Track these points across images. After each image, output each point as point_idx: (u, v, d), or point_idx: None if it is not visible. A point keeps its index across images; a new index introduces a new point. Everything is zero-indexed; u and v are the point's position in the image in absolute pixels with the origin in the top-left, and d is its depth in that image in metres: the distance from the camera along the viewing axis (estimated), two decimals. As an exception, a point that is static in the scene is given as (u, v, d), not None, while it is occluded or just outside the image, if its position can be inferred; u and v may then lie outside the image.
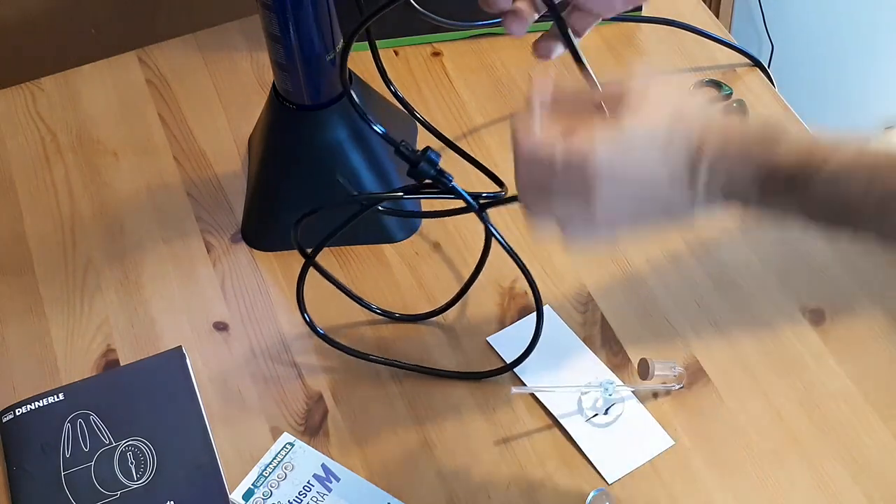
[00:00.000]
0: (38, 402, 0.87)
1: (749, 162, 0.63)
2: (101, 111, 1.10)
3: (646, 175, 0.65)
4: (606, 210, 0.67)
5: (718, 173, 0.64)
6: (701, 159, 0.64)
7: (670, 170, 0.65)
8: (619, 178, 0.65)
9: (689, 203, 0.66)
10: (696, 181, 0.64)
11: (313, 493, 0.82)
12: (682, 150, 0.64)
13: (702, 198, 0.65)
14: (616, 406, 0.86)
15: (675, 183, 0.65)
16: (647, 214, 0.68)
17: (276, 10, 0.84)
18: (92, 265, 0.97)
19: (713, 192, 0.65)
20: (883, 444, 0.84)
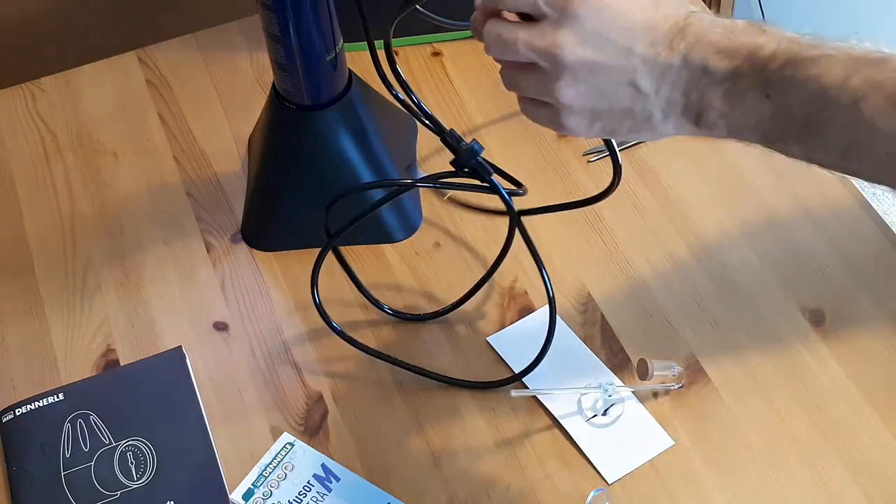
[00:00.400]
0: (38, 402, 0.87)
1: (733, 40, 0.62)
2: (101, 111, 1.10)
3: (626, 26, 0.63)
4: (576, 55, 0.63)
5: (699, 46, 0.62)
6: (685, 31, 0.62)
7: (652, 32, 0.63)
8: (600, 20, 0.62)
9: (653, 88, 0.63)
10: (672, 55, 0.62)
11: (313, 493, 0.82)
12: (668, 18, 0.63)
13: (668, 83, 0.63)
14: (616, 406, 0.86)
15: (652, 50, 0.63)
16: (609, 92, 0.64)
17: (276, 10, 0.84)
18: (92, 265, 0.97)
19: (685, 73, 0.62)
20: (883, 444, 0.84)
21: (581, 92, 0.64)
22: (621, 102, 0.65)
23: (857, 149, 0.60)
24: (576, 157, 1.03)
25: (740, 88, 0.62)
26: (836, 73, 0.59)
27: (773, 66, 0.60)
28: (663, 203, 1.00)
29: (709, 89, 0.62)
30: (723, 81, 0.62)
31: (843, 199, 1.00)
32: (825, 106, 0.59)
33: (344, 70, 0.93)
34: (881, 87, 0.58)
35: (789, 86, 0.60)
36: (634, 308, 0.93)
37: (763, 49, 0.61)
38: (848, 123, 0.59)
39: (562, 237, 0.98)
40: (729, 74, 0.62)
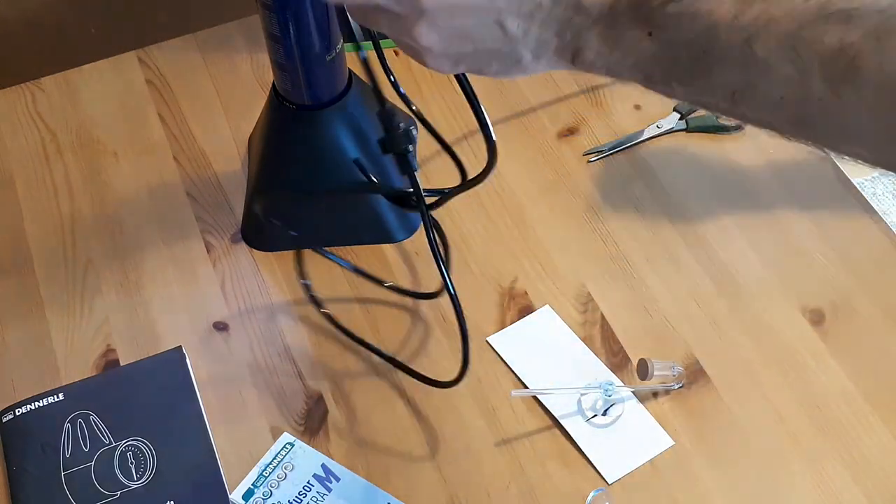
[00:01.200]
0: (38, 402, 0.87)
1: None
2: (101, 111, 1.10)
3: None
4: (434, 5, 0.58)
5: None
6: None
7: None
8: None
9: (521, 31, 0.59)
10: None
11: (313, 493, 0.82)
12: None
13: (538, 24, 0.58)
14: (616, 406, 0.86)
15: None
16: (473, 32, 0.60)
17: (276, 10, 0.84)
18: (92, 265, 0.97)
19: (556, 11, 0.58)
20: (883, 444, 0.84)
21: (442, 36, 0.60)
22: (487, 44, 0.60)
23: (748, 92, 0.55)
24: (576, 157, 1.03)
25: (619, 27, 0.56)
26: (726, 7, 0.53)
27: (656, 1, 0.55)
28: (663, 203, 1.00)
29: (584, 28, 0.58)
30: (598, 19, 0.57)
31: (843, 199, 1.00)
32: (714, 45, 0.54)
33: (344, 70, 0.93)
34: (775, 22, 0.52)
35: (674, 23, 0.55)
36: (634, 308, 0.93)
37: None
38: (739, 65, 0.54)
39: (562, 237, 0.98)
40: (605, 11, 0.57)
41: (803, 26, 0.52)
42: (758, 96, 0.55)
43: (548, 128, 1.06)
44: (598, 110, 1.07)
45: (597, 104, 1.08)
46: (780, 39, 0.52)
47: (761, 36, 0.52)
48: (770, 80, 0.53)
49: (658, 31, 0.55)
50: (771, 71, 0.53)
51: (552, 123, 1.06)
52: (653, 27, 0.56)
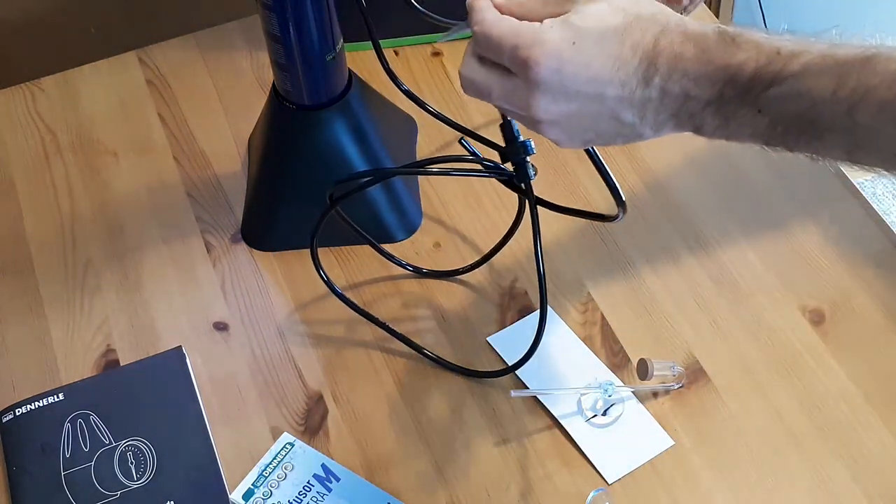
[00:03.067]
0: (38, 402, 0.87)
1: (708, 63, 0.60)
2: (101, 111, 1.10)
3: (591, 76, 0.61)
4: (544, 115, 0.64)
5: (675, 76, 0.60)
6: (657, 60, 0.60)
7: (621, 73, 0.61)
8: (563, 77, 0.62)
9: (637, 118, 0.63)
10: (649, 88, 0.61)
11: (313, 493, 0.82)
12: (636, 50, 0.61)
13: (652, 111, 0.62)
14: (616, 406, 0.86)
15: (625, 89, 0.61)
16: (593, 126, 0.64)
17: (276, 10, 0.84)
18: (92, 265, 0.97)
19: (668, 101, 0.61)
20: (883, 444, 0.84)
21: (563, 130, 0.65)
22: (608, 130, 0.64)
23: (862, 151, 0.59)
24: (576, 157, 1.03)
25: (729, 107, 0.60)
26: (824, 84, 0.57)
27: (758, 87, 0.59)
28: (663, 203, 1.00)
29: (697, 111, 0.61)
30: (708, 104, 0.61)
31: (844, 199, 1.00)
32: (820, 117, 0.58)
33: (344, 70, 0.93)
34: (873, 91, 0.56)
35: (779, 103, 0.59)
36: (634, 308, 0.93)
37: (743, 70, 0.59)
38: (846, 131, 0.58)
39: (562, 237, 0.98)
40: (713, 98, 0.60)
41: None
42: (872, 153, 0.59)
43: (548, 128, 1.06)
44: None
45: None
46: (882, 106, 0.56)
47: (861, 106, 0.56)
48: (878, 140, 0.57)
49: (766, 109, 0.59)
50: (877, 134, 0.57)
51: (552, 123, 1.06)
52: (761, 106, 0.59)
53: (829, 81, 0.57)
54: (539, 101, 0.63)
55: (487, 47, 0.64)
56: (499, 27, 0.63)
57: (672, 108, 0.62)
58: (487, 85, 0.65)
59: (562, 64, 0.61)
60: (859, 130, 0.57)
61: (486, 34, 0.63)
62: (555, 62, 0.61)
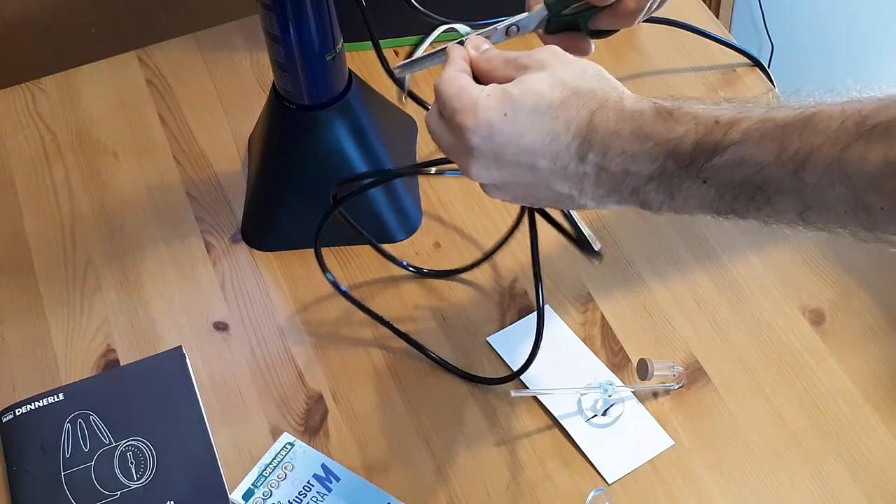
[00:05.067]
0: (38, 402, 0.87)
1: (646, 139, 0.59)
2: (101, 111, 1.10)
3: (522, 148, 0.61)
4: (480, 179, 0.64)
5: (611, 153, 0.60)
6: (591, 137, 0.60)
7: (553, 146, 0.61)
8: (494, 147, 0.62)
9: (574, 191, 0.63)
10: (584, 164, 0.61)
11: (313, 493, 0.82)
12: (569, 126, 0.61)
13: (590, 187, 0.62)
14: (616, 406, 0.86)
15: (557, 164, 0.61)
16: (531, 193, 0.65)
17: (276, 10, 0.84)
18: (92, 265, 0.97)
19: (605, 177, 0.61)
20: (883, 444, 0.84)
21: (502, 193, 0.66)
22: (547, 197, 0.65)
23: (813, 212, 0.57)
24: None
25: (673, 181, 0.60)
26: (766, 149, 0.56)
27: (701, 158, 0.58)
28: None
29: (640, 185, 0.61)
30: (651, 179, 0.60)
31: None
32: (767, 182, 0.57)
33: (344, 70, 0.93)
34: (817, 150, 0.55)
35: (724, 172, 0.58)
36: (634, 308, 0.93)
37: (683, 143, 0.58)
38: (795, 191, 0.56)
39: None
40: (655, 173, 0.60)
41: (844, 149, 0.54)
42: (824, 213, 0.57)
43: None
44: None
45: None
46: (826, 166, 0.54)
47: (807, 166, 0.55)
48: (828, 200, 0.56)
49: (711, 180, 0.58)
50: (826, 193, 0.55)
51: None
52: (705, 176, 0.59)
53: (772, 145, 0.56)
54: (472, 166, 0.63)
55: (439, 102, 0.65)
56: (450, 86, 0.64)
57: (611, 184, 0.61)
58: (438, 136, 0.66)
59: (493, 133, 0.61)
60: (808, 191, 0.56)
61: (438, 89, 0.65)
62: (485, 131, 0.61)
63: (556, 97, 0.61)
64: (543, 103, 0.61)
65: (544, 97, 0.61)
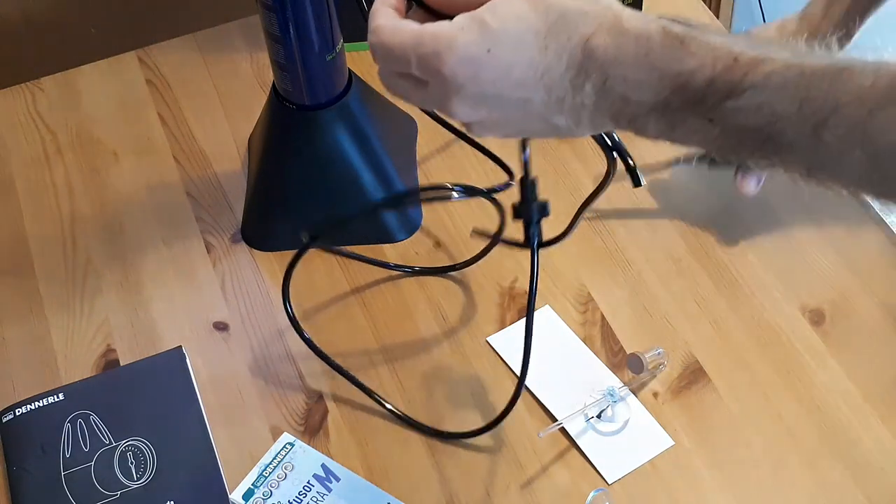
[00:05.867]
0: (38, 402, 0.87)
1: (651, 69, 0.53)
2: (101, 111, 1.10)
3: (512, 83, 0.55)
4: (468, 119, 0.58)
5: (610, 85, 0.54)
6: (588, 66, 0.53)
7: (546, 79, 0.55)
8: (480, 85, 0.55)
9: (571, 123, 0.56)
10: (581, 94, 0.54)
11: (313, 493, 0.82)
12: (561, 56, 0.54)
13: (587, 116, 0.56)
14: (616, 406, 0.86)
15: (552, 96, 0.55)
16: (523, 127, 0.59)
17: (276, 10, 0.84)
18: (92, 265, 0.97)
19: (604, 105, 0.55)
20: (883, 444, 0.84)
21: (492, 131, 0.60)
22: (541, 130, 0.59)
23: (823, 171, 0.53)
24: (576, 157, 1.03)
25: (676, 115, 0.54)
26: (788, 97, 0.51)
27: (712, 98, 0.52)
28: (663, 203, 1.00)
29: (639, 115, 0.55)
30: (651, 111, 0.54)
31: (844, 200, 1.00)
32: (780, 134, 0.51)
33: (344, 70, 0.93)
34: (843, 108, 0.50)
35: (735, 116, 0.52)
36: (634, 308, 0.93)
37: (694, 78, 0.52)
38: (809, 150, 0.51)
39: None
40: (658, 105, 0.54)
41: (873, 112, 0.49)
42: (835, 175, 0.53)
43: (548, 128, 1.06)
44: (598, 110, 1.07)
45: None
46: (850, 127, 0.50)
47: (829, 124, 0.50)
48: (842, 163, 0.51)
49: (719, 119, 0.53)
50: (843, 156, 0.51)
51: (552, 123, 1.06)
52: (712, 116, 0.53)
53: (794, 96, 0.50)
54: (459, 109, 0.57)
55: (393, 60, 0.57)
56: (399, 36, 0.56)
57: (610, 113, 0.56)
58: (405, 91, 0.59)
59: (477, 70, 0.55)
60: (823, 150, 0.51)
61: (384, 45, 0.57)
62: (469, 68, 0.55)
63: (542, 23, 0.54)
64: (529, 32, 0.54)
65: (528, 24, 0.54)
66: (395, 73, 0.59)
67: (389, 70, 0.59)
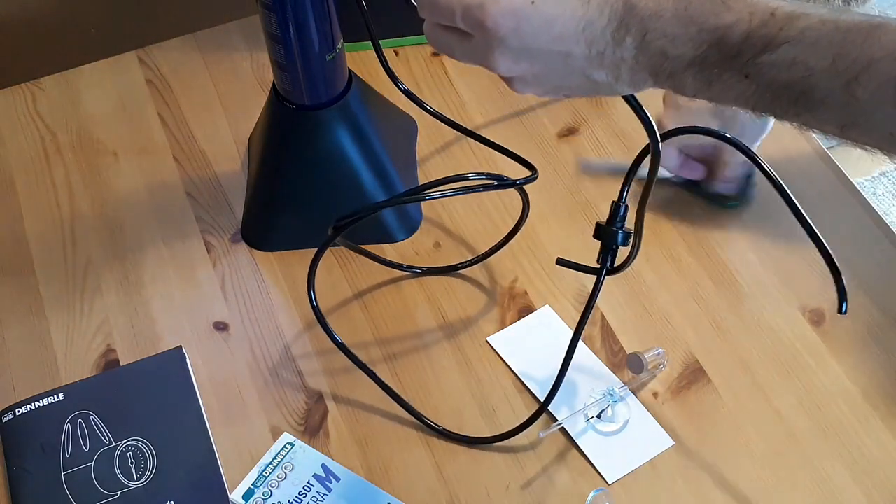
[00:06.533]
0: (38, 402, 0.87)
1: (690, 22, 0.54)
2: (101, 111, 1.10)
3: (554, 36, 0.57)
4: (508, 73, 0.60)
5: (650, 35, 0.55)
6: (628, 19, 0.56)
7: (587, 33, 0.57)
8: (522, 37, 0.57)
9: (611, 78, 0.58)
10: (621, 49, 0.56)
11: (313, 493, 0.82)
12: (602, 10, 0.56)
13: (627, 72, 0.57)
14: (616, 406, 0.86)
15: (593, 50, 0.57)
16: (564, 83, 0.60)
17: (276, 10, 0.84)
18: (92, 265, 0.97)
19: (643, 60, 0.57)
20: (883, 444, 0.84)
21: (532, 86, 0.62)
22: (581, 86, 0.61)
23: (856, 127, 0.54)
24: (576, 157, 1.03)
25: (713, 71, 0.55)
26: (822, 53, 0.52)
27: (748, 52, 0.54)
28: (663, 203, 1.00)
29: (677, 71, 0.56)
30: (691, 64, 0.56)
31: (844, 199, 1.00)
32: (814, 89, 0.53)
33: (344, 70, 0.93)
34: (876, 64, 0.51)
35: (770, 70, 0.54)
36: (634, 308, 0.93)
37: (731, 32, 0.54)
38: (842, 105, 0.53)
39: (562, 237, 0.98)
40: (696, 60, 0.55)
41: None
42: (867, 131, 0.54)
43: (548, 127, 1.06)
44: (599, 110, 1.07)
45: (597, 104, 1.08)
46: (882, 82, 0.51)
47: (861, 79, 0.51)
48: (875, 118, 0.53)
49: (754, 75, 0.54)
50: (875, 111, 0.52)
51: (552, 123, 1.06)
52: (749, 71, 0.54)
53: (828, 51, 0.52)
54: (500, 61, 0.59)
55: (437, 13, 0.60)
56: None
57: (649, 68, 0.57)
58: (448, 46, 0.62)
59: (520, 22, 0.57)
60: (856, 106, 0.52)
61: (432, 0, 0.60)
62: (512, 21, 0.57)
63: None
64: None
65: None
66: (440, 27, 0.61)
67: (434, 23, 0.61)
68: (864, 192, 1.01)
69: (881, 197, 2.16)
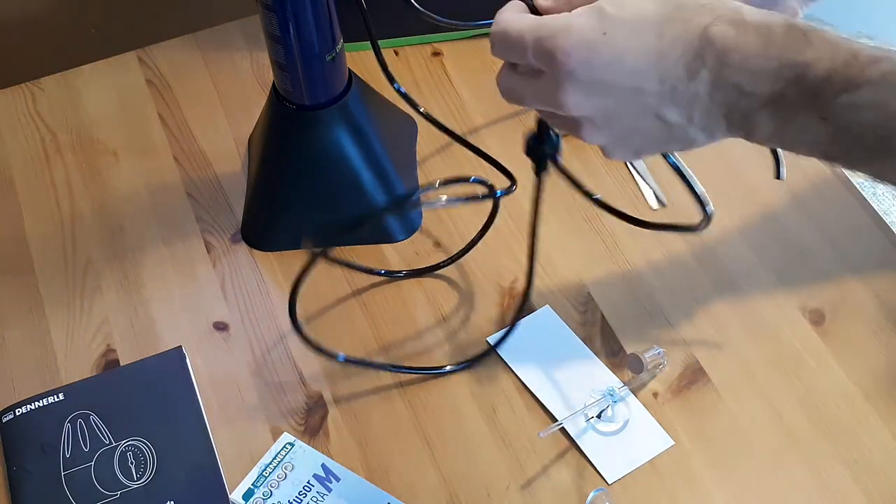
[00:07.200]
0: (38, 402, 0.87)
1: (770, 58, 0.52)
2: (101, 111, 1.10)
3: (626, 70, 0.55)
4: (579, 111, 0.58)
5: (727, 70, 0.53)
6: (704, 52, 0.54)
7: (661, 65, 0.55)
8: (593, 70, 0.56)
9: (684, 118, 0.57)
10: (695, 82, 0.54)
11: (313, 493, 0.82)
12: (676, 43, 0.54)
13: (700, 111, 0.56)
14: (616, 406, 0.86)
15: (666, 85, 0.55)
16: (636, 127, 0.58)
17: (276, 10, 0.84)
18: (92, 265, 0.97)
19: (718, 97, 0.55)
20: (883, 444, 0.84)
21: (608, 134, 0.60)
22: (654, 132, 0.59)
23: None
24: (576, 156, 1.03)
25: (789, 110, 0.54)
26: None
27: (828, 92, 0.52)
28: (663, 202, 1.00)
29: (752, 111, 0.55)
30: (766, 104, 0.54)
31: (844, 199, 1.00)
32: (893, 134, 0.51)
33: (344, 70, 0.93)
34: None
35: (849, 112, 0.52)
36: (634, 308, 0.93)
37: (813, 70, 0.52)
38: None
39: (561, 237, 0.98)
40: (773, 97, 0.54)
41: None
42: None
43: (548, 128, 1.06)
44: (598, 110, 1.07)
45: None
46: None
47: None
48: None
49: (833, 117, 0.53)
50: None
51: (552, 123, 1.06)
52: (826, 113, 0.53)
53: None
54: (569, 95, 0.57)
55: (510, 48, 0.59)
56: (518, 23, 0.58)
57: (723, 107, 0.55)
58: (520, 89, 0.61)
59: (591, 54, 0.55)
60: None
61: (504, 32, 0.59)
62: (583, 52, 0.55)
63: (659, 12, 0.55)
64: (646, 20, 0.55)
65: (646, 13, 0.55)
66: (511, 72, 0.60)
67: (506, 70, 0.61)
68: (864, 192, 1.01)
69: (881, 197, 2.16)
